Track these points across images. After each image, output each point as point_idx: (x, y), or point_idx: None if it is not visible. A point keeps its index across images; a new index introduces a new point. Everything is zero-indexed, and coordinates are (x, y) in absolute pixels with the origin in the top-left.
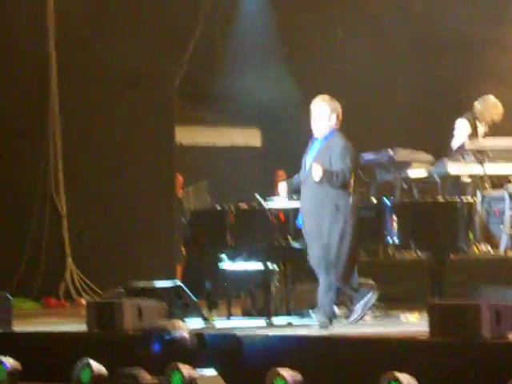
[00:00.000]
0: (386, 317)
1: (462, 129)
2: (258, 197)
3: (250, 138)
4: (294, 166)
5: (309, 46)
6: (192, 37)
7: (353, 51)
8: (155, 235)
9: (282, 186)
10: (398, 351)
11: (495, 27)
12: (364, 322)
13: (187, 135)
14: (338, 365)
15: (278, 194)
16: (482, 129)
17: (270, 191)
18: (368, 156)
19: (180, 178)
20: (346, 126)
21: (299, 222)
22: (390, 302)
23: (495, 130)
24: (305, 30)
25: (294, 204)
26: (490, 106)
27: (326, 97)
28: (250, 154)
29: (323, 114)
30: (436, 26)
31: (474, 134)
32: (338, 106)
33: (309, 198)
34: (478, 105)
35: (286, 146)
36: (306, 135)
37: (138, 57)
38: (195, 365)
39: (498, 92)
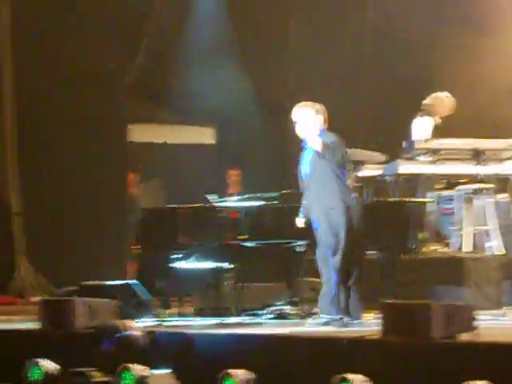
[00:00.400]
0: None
1: (415, 129)
2: (209, 196)
3: (203, 136)
4: (247, 164)
5: (263, 45)
6: (145, 35)
7: (309, 49)
8: (107, 234)
9: (301, 222)
10: (350, 351)
11: (460, 29)
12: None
13: (140, 134)
14: (291, 364)
15: (230, 193)
16: (433, 127)
17: (223, 190)
18: None
19: (132, 177)
20: None
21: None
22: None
23: (449, 131)
24: (259, 28)
25: (246, 203)
26: (440, 101)
27: (306, 102)
28: (204, 152)
29: (308, 118)
30: (399, 25)
31: (426, 134)
32: (320, 107)
33: (316, 198)
34: (428, 102)
35: (240, 144)
36: (260, 133)
37: (91, 56)
38: (147, 364)
39: (460, 92)
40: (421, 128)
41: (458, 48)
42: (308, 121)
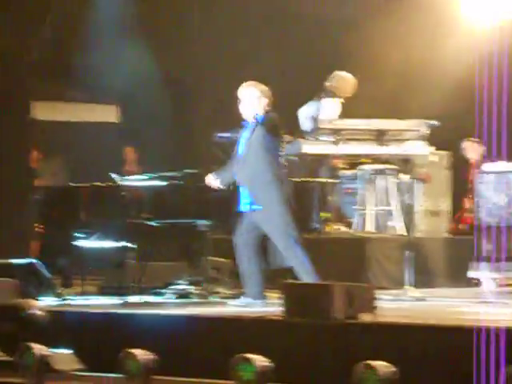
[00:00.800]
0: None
1: (323, 109)
2: (112, 175)
3: (107, 114)
4: (150, 143)
5: (167, 22)
6: (49, 11)
7: (214, 25)
8: (8, 212)
9: (211, 178)
10: (252, 331)
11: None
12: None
13: (44, 111)
14: (193, 344)
15: (127, 170)
16: (336, 107)
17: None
18: (225, 134)
19: (35, 154)
20: (210, 105)
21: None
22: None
23: (350, 111)
24: (163, 5)
25: (149, 182)
26: (342, 81)
27: (252, 82)
28: (107, 131)
29: (252, 98)
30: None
31: (328, 114)
32: (265, 89)
33: (252, 175)
34: (332, 83)
35: (144, 123)
36: (163, 113)
37: None
38: (49, 343)
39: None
40: (327, 108)
41: (361, 29)
42: (251, 101)
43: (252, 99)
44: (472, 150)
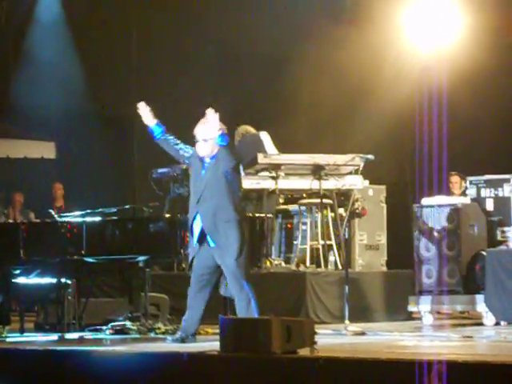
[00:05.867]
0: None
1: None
2: (50, 211)
3: (44, 150)
4: (86, 178)
5: (105, 57)
6: None
7: (151, 59)
8: None
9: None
10: (189, 366)
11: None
12: None
13: None
14: (130, 381)
15: (57, 206)
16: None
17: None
18: (162, 170)
19: None
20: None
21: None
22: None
23: (289, 147)
24: (101, 40)
25: (87, 218)
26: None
27: (209, 112)
28: (45, 167)
29: (209, 127)
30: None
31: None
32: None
33: (209, 214)
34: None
35: (80, 159)
36: (99, 146)
37: None
38: None
39: (301, 108)
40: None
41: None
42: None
43: (213, 137)
44: (458, 186)
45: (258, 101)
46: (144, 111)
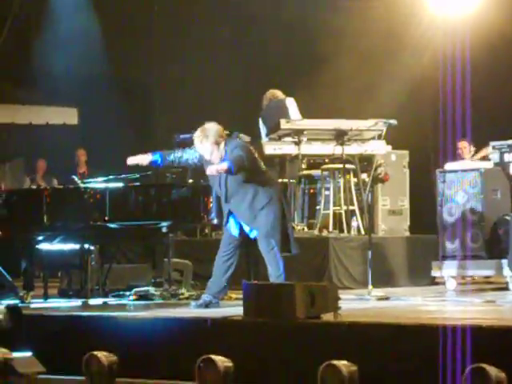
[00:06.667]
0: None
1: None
2: (74, 177)
3: (66, 116)
4: (109, 144)
5: (125, 22)
6: (9, 13)
7: (171, 34)
8: None
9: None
10: (214, 332)
11: None
12: None
13: (4, 114)
14: (156, 346)
15: (80, 172)
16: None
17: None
18: (184, 136)
19: None
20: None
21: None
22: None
23: (312, 112)
24: (123, 13)
25: (110, 184)
26: None
27: (198, 137)
28: (67, 133)
29: (207, 150)
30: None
31: (292, 114)
32: (211, 132)
33: (241, 209)
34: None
35: (103, 125)
36: (122, 111)
37: None
38: (11, 347)
39: None
40: (292, 109)
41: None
42: (209, 152)
43: (208, 151)
44: (467, 151)
45: (282, 62)
46: (134, 160)
